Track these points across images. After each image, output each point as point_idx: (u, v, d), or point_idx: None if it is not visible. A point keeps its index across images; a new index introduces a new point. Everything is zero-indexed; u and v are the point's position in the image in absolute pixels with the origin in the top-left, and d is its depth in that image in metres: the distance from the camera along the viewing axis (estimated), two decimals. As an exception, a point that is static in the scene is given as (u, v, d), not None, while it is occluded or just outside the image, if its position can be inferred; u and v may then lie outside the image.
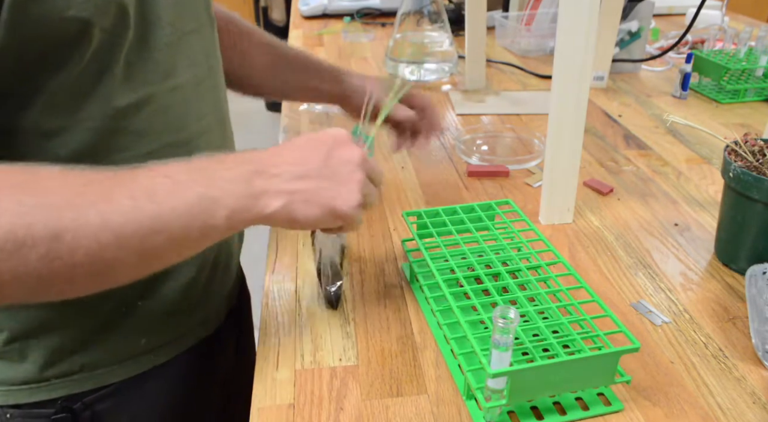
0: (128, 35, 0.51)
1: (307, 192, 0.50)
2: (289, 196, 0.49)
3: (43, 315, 0.56)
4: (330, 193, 0.51)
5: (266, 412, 0.53)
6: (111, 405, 0.62)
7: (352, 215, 0.52)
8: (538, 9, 1.50)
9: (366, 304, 0.65)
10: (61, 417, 0.59)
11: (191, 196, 0.45)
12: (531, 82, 1.33)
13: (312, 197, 0.50)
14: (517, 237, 0.67)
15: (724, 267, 0.71)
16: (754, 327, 0.59)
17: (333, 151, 0.52)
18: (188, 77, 0.58)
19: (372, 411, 0.52)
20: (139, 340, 0.61)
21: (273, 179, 0.49)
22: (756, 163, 0.67)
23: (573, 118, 0.74)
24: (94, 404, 0.61)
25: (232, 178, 0.47)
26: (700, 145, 1.02)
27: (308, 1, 1.81)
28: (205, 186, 0.46)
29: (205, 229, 0.46)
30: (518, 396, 0.50)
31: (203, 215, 0.46)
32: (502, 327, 0.46)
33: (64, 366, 0.58)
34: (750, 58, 1.21)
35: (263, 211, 0.48)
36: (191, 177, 0.46)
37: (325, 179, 0.51)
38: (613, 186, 0.88)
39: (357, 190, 0.52)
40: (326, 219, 0.52)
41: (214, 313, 0.70)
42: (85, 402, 0.60)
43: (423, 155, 0.99)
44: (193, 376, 0.69)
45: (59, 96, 0.49)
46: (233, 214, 0.47)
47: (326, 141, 0.53)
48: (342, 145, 0.53)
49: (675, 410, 0.53)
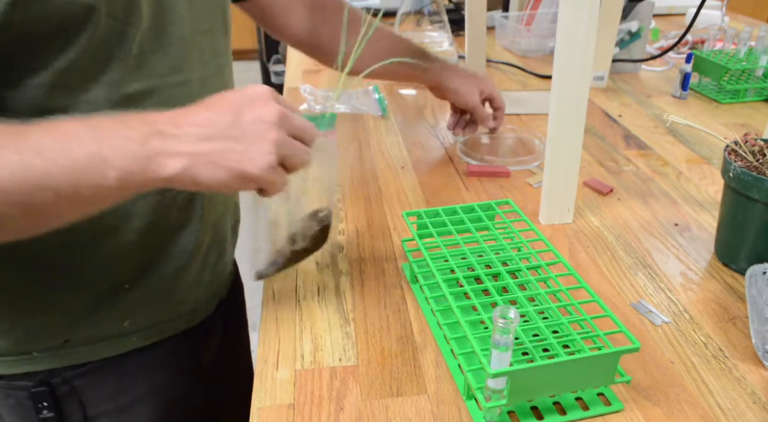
0: (141, 25, 0.53)
1: (211, 153, 0.47)
2: (190, 158, 0.47)
3: (31, 293, 0.58)
4: (237, 154, 0.48)
5: (266, 412, 0.53)
6: (89, 382, 0.63)
7: (265, 177, 0.49)
8: (538, 9, 1.50)
9: (366, 304, 0.65)
10: (39, 391, 0.61)
11: (80, 154, 0.44)
12: (531, 82, 1.33)
13: (217, 159, 0.47)
14: (517, 237, 0.67)
15: (724, 267, 0.71)
16: (754, 327, 0.59)
17: (245, 110, 0.49)
18: (196, 74, 0.60)
19: (372, 411, 0.52)
20: (122, 322, 0.62)
21: (171, 140, 0.46)
22: (756, 163, 0.67)
23: (573, 118, 0.74)
24: (73, 380, 0.62)
25: (128, 138, 0.45)
26: (700, 145, 1.02)
27: (308, 1, 1.80)
28: (97, 144, 0.44)
29: (96, 189, 0.45)
30: (518, 396, 0.50)
31: (92, 174, 0.44)
32: (502, 327, 0.46)
33: (46, 342, 0.60)
34: (750, 58, 1.21)
35: (158, 173, 0.46)
36: (87, 134, 0.45)
37: (232, 140, 0.48)
38: (613, 186, 0.88)
39: (270, 150, 0.48)
40: (235, 182, 0.48)
41: (202, 304, 0.71)
42: (65, 377, 0.62)
43: (423, 155, 0.99)
44: (173, 364, 0.70)
45: (66, 75, 0.50)
46: (124, 175, 0.45)
47: (240, 99, 0.50)
48: (257, 103, 0.50)
49: (675, 410, 0.53)
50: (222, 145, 0.47)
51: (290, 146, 0.50)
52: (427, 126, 1.10)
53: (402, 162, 0.96)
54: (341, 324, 0.62)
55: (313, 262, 0.72)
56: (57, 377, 0.62)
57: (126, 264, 0.61)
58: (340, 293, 0.67)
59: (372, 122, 1.11)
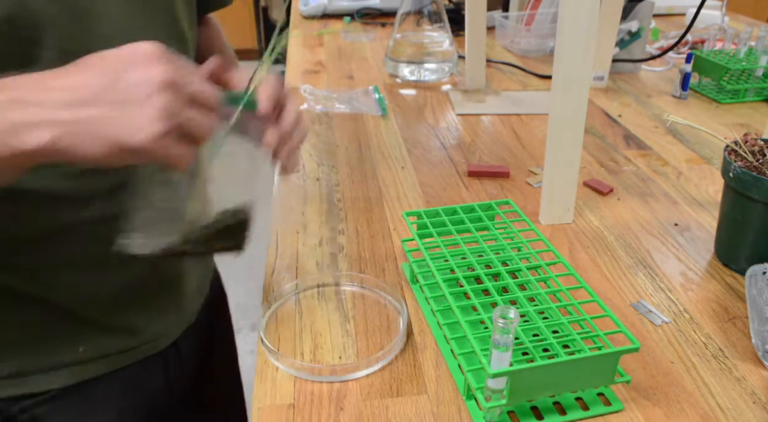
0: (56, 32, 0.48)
1: (84, 122, 0.40)
2: (56, 128, 0.40)
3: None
4: (115, 121, 0.40)
5: (266, 412, 0.53)
6: (51, 410, 0.59)
7: (153, 148, 0.41)
8: (538, 9, 1.50)
9: (366, 304, 0.65)
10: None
11: None
12: (531, 82, 1.33)
13: (89, 128, 0.40)
14: (517, 237, 0.67)
15: (724, 267, 0.71)
16: (754, 327, 0.59)
17: (126, 71, 0.41)
18: None
19: (372, 411, 0.52)
20: (75, 348, 0.58)
21: (32, 108, 0.40)
22: (756, 163, 0.67)
23: (573, 118, 0.74)
24: (32, 408, 0.58)
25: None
26: (700, 145, 1.02)
27: (308, 1, 1.81)
28: None
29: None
30: (518, 396, 0.50)
31: None
32: (502, 327, 0.46)
33: (0, 369, 0.56)
34: (750, 58, 1.21)
35: (21, 147, 0.40)
36: None
37: (108, 105, 0.40)
38: (613, 186, 0.88)
39: (157, 116, 0.41)
40: (116, 154, 0.41)
41: (168, 327, 0.67)
42: (23, 406, 0.58)
43: (423, 155, 0.99)
44: (146, 385, 0.65)
45: None
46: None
47: (121, 58, 0.42)
48: (143, 63, 0.41)
49: (675, 410, 0.53)
50: (97, 111, 0.40)
51: (185, 113, 0.42)
52: (427, 126, 1.10)
53: (402, 162, 0.96)
54: (341, 322, 0.62)
55: (314, 262, 0.72)
56: (15, 406, 0.58)
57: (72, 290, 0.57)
58: (340, 292, 0.67)
59: (372, 122, 1.11)
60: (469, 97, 1.24)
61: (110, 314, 0.60)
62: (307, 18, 1.82)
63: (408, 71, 1.32)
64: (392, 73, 1.35)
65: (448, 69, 1.33)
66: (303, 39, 1.63)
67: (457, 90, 1.29)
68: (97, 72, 0.41)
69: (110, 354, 0.61)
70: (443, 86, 1.31)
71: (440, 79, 1.33)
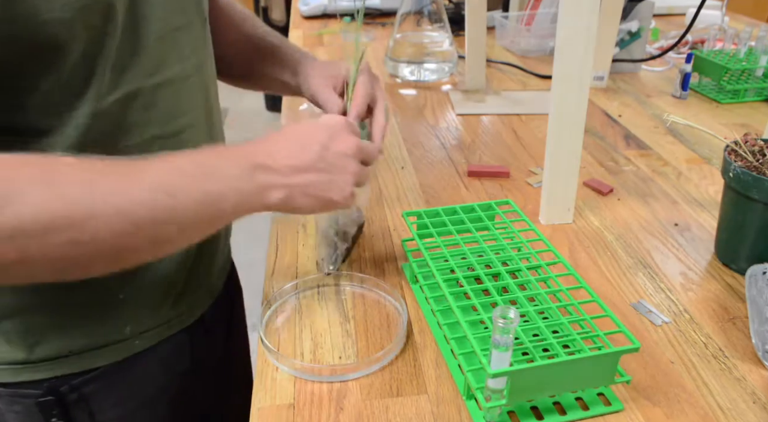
0: (117, 33, 0.51)
1: (305, 185, 0.54)
2: (289, 190, 0.53)
3: (22, 299, 0.57)
4: (326, 185, 0.55)
5: (266, 412, 0.53)
6: (97, 388, 0.63)
7: (347, 203, 0.57)
8: (538, 9, 1.50)
9: (366, 304, 0.65)
10: (47, 400, 0.61)
11: (200, 192, 0.49)
12: (531, 82, 1.33)
13: (310, 190, 0.55)
14: (517, 237, 0.67)
15: (724, 267, 0.71)
16: (754, 327, 0.59)
17: (329, 143, 0.56)
18: (176, 72, 0.59)
19: (372, 411, 0.52)
20: (123, 328, 0.62)
21: (273, 174, 0.53)
22: (756, 163, 0.67)
23: (573, 118, 0.74)
24: (81, 387, 0.62)
25: (237, 175, 0.51)
26: (700, 145, 1.02)
27: (308, 1, 1.81)
28: (211, 183, 0.50)
29: (213, 220, 0.52)
30: (518, 396, 0.50)
31: (212, 208, 0.50)
32: (502, 327, 0.46)
33: (49, 349, 0.59)
34: (750, 58, 1.21)
35: (265, 203, 0.53)
36: (199, 171, 0.50)
37: (321, 172, 0.55)
38: (613, 186, 0.88)
39: (351, 181, 0.57)
40: (322, 208, 0.57)
41: (198, 301, 0.70)
42: (72, 384, 0.61)
43: (423, 155, 0.99)
44: (178, 364, 0.69)
45: (53, 95, 0.50)
46: (238, 207, 0.52)
47: (322, 131, 0.57)
48: (338, 136, 0.57)
49: (675, 410, 0.53)
50: (313, 177, 0.55)
51: (364, 173, 0.59)
52: (427, 126, 1.10)
53: (402, 162, 0.96)
54: (341, 322, 0.62)
55: (313, 262, 0.72)
56: (65, 385, 0.61)
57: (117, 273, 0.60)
58: (340, 292, 0.67)
59: (372, 122, 1.11)
60: (469, 97, 1.24)
61: (153, 295, 0.63)
62: (307, 18, 1.82)
63: (408, 71, 1.32)
64: (392, 73, 1.35)
65: (448, 69, 1.33)
66: (303, 39, 1.63)
67: (457, 90, 1.29)
68: (308, 144, 0.55)
69: (149, 330, 0.64)
70: (443, 86, 1.31)
71: (440, 79, 1.34)
